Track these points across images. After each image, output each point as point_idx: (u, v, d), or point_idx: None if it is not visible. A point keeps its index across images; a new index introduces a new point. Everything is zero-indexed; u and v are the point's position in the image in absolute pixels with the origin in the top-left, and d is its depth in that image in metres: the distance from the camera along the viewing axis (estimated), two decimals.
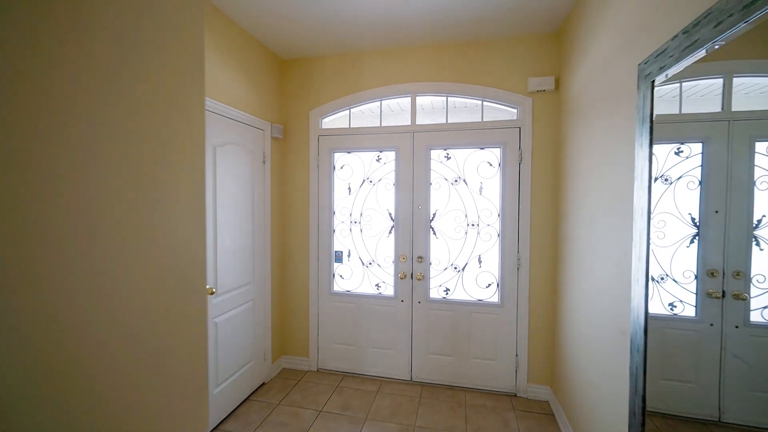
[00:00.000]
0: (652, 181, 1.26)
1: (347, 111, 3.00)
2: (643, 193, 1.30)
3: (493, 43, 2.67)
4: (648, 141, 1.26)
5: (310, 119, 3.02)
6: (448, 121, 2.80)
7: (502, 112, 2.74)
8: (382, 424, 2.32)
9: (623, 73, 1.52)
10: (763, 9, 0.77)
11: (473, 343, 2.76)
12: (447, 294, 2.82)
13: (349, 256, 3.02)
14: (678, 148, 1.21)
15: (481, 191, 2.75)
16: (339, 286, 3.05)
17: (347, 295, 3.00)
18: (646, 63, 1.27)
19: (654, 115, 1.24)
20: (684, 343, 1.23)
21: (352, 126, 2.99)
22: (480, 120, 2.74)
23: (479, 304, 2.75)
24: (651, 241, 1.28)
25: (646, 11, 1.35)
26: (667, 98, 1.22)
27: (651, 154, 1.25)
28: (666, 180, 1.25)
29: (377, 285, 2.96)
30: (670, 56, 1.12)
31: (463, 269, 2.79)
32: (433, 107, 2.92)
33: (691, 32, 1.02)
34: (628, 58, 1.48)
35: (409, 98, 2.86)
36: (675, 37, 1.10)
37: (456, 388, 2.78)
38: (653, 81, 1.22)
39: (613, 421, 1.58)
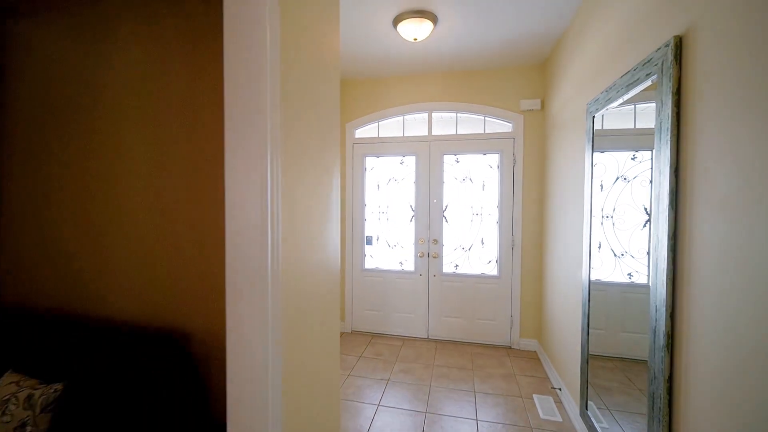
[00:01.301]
0: (594, 179, 2.01)
1: (376, 123, 3.75)
2: (587, 188, 2.05)
3: (493, 72, 3.43)
4: (591, 152, 2.01)
5: (347, 130, 3.77)
6: (458, 133, 3.56)
7: (499, 125, 3.49)
8: (409, 364, 3.06)
9: (579, 106, 2.28)
10: (636, 87, 1.52)
11: (477, 307, 3.50)
12: (456, 269, 3.57)
13: (377, 239, 3.76)
14: (633, 155, 1.91)
15: (483, 188, 3.50)
16: (369, 263, 3.79)
17: (376, 271, 3.74)
18: (589, 103, 2.03)
19: (593, 136, 1.99)
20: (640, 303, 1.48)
21: (380, 136, 3.74)
22: (483, 132, 3.50)
23: (482, 277, 3.50)
24: (592, 225, 2.00)
25: (590, 69, 2.10)
26: (623, 113, 1.69)
27: (592, 161, 2.00)
28: (625, 179, 1.76)
29: (400, 262, 3.70)
30: (600, 103, 1.87)
31: (470, 249, 3.54)
32: (441, 118, 3.67)
33: (608, 91, 1.77)
34: (581, 97, 2.24)
35: (427, 114, 3.61)
36: (602, 92, 1.86)
37: (464, 343, 3.52)
38: (594, 116, 1.97)
39: (575, 360, 2.31)
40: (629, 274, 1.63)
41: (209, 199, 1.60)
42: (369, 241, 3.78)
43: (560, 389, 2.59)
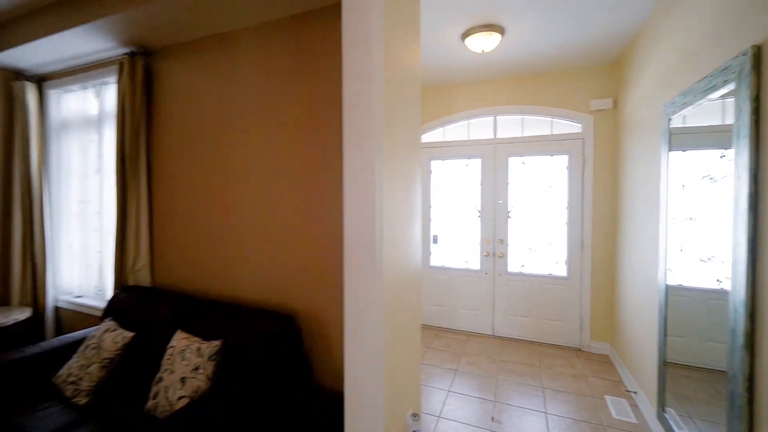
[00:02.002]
0: (672, 179, 2.00)
1: (442, 128, 3.95)
2: (663, 188, 2.04)
3: (561, 73, 3.43)
4: (667, 152, 2.00)
5: None
6: (524, 135, 3.61)
7: (568, 126, 3.48)
8: (475, 357, 3.22)
9: (655, 107, 2.26)
10: (713, 93, 1.54)
11: (544, 307, 3.53)
12: (522, 268, 3.63)
13: (442, 238, 3.96)
14: (722, 153, 1.85)
15: (550, 189, 3.51)
16: (434, 261, 4.00)
17: (441, 269, 3.94)
18: (665, 106, 2.02)
19: (671, 137, 1.99)
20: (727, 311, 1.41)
21: (446, 139, 3.93)
22: (550, 133, 3.51)
23: (550, 277, 3.51)
24: (668, 226, 1.99)
25: (666, 71, 2.09)
26: (710, 107, 1.59)
27: (668, 161, 2.00)
28: (711, 178, 1.64)
29: (465, 261, 3.86)
30: (676, 106, 1.88)
31: (536, 249, 3.58)
32: (507, 120, 3.74)
33: (685, 95, 1.79)
34: (657, 99, 2.22)
35: (492, 117, 3.72)
36: (679, 95, 1.86)
37: (530, 342, 3.57)
38: (670, 117, 1.97)
39: (651, 365, 2.29)
40: (718, 280, 1.54)
41: (311, 207, 1.96)
42: (434, 240, 3.99)
43: (635, 393, 2.57)
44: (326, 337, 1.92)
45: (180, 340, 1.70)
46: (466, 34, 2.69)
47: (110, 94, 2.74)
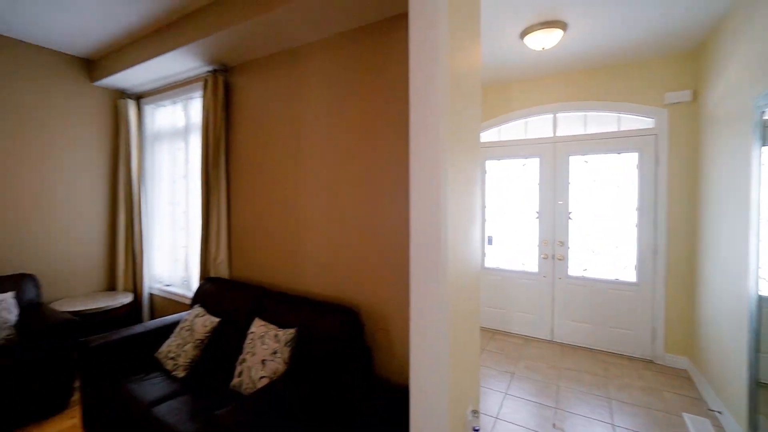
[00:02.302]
0: (762, 178, 1.81)
1: (497, 128, 3.89)
2: (755, 189, 1.85)
3: (630, 65, 3.21)
4: (759, 148, 1.82)
5: None
6: (587, 132, 3.43)
7: (637, 122, 3.25)
8: (533, 362, 3.13)
9: (745, 99, 2.05)
10: None
11: (609, 314, 3.32)
12: (585, 272, 3.45)
13: (497, 240, 3.89)
14: None
15: (617, 188, 3.30)
16: (489, 262, 3.95)
17: (496, 270, 3.88)
18: (757, 98, 1.84)
19: (764, 131, 1.80)
20: None
21: (501, 139, 3.86)
22: (617, 129, 3.30)
23: (616, 283, 3.30)
24: (760, 231, 1.81)
25: (759, 59, 1.89)
26: None
27: (760, 158, 1.81)
28: None
29: (522, 263, 3.76)
30: None
31: (600, 252, 3.38)
32: (567, 117, 3.57)
33: None
34: (747, 89, 2.01)
35: (551, 115, 3.59)
36: None
37: (593, 350, 3.38)
38: (763, 111, 1.79)
39: (739, 383, 2.06)
40: None
41: (372, 208, 2.07)
42: (489, 241, 3.93)
43: (720, 413, 2.34)
44: (387, 332, 2.02)
45: (259, 326, 1.90)
46: (524, 33, 2.64)
47: (194, 107, 3.10)
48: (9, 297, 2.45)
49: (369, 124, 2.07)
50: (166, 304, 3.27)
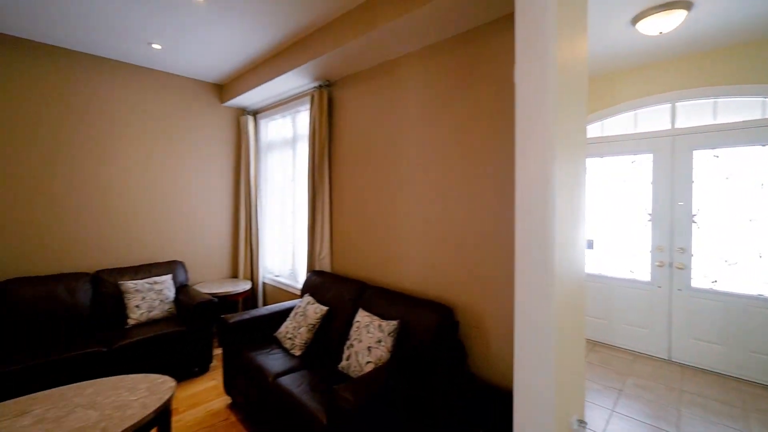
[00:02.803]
0: None
1: (600, 122, 3.57)
2: None
3: None
4: None
5: None
6: (716, 122, 2.96)
7: None
8: (645, 381, 2.81)
9: None
10: None
11: (749, 335, 2.81)
12: (714, 285, 2.97)
13: (598, 244, 3.57)
14: None
15: (761, 187, 2.78)
16: (590, 268, 3.64)
17: (598, 277, 3.56)
18: None
19: None
20: None
21: (604, 135, 3.54)
22: (761, 117, 2.78)
23: (758, 299, 2.78)
24: None
25: None
26: None
27: None
28: None
29: (630, 270, 3.39)
30: None
31: (736, 263, 2.88)
32: (687, 107, 3.11)
33: None
34: None
35: (669, 105, 3.17)
36: None
37: (725, 376, 2.89)
38: None
39: None
40: None
41: (466, 208, 2.11)
42: (590, 245, 3.63)
43: None
44: (481, 330, 2.04)
45: (363, 316, 2.09)
46: (637, 18, 2.41)
47: (301, 119, 3.50)
48: (168, 279, 3.09)
49: (465, 129, 2.12)
50: (276, 292, 3.74)
